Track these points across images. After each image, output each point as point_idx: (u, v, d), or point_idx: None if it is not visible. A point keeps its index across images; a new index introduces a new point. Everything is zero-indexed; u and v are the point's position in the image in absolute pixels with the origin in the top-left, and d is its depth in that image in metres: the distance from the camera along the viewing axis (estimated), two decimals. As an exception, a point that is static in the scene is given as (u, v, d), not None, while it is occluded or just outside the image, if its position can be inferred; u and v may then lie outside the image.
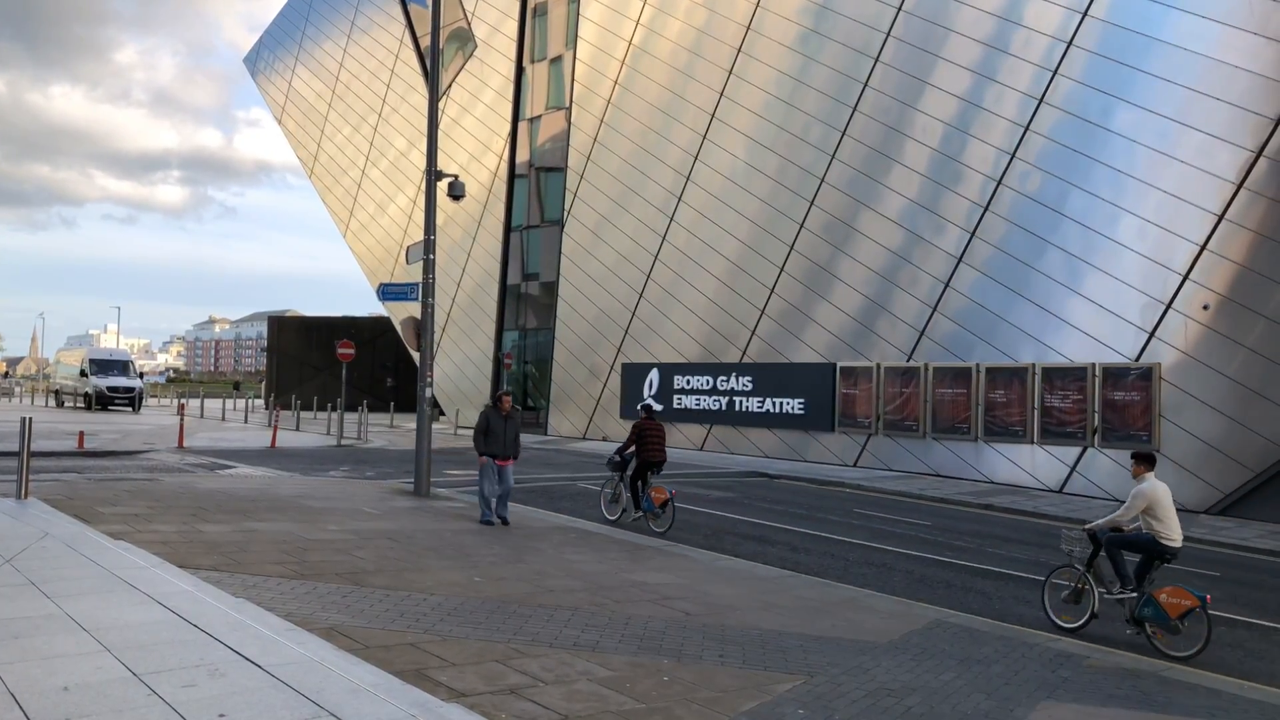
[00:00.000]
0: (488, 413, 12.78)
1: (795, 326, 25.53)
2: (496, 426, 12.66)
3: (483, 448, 12.61)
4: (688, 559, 11.12)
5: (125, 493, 13.40)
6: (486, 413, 12.78)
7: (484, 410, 12.87)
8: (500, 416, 12.75)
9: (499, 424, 12.69)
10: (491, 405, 12.94)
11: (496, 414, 12.75)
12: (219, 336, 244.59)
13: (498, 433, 12.65)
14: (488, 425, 12.64)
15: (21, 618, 5.70)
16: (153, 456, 21.03)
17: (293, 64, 49.28)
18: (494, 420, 12.68)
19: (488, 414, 12.75)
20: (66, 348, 58.47)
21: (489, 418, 12.69)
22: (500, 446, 12.67)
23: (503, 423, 12.72)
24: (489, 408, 12.89)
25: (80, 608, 5.93)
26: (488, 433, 12.64)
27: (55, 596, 6.18)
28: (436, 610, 7.75)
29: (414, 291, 16.25)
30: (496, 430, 12.65)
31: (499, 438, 12.66)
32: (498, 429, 12.66)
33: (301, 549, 9.93)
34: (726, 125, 27.61)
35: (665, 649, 7.11)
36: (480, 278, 37.15)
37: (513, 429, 12.80)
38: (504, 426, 12.70)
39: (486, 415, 12.73)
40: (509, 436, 12.73)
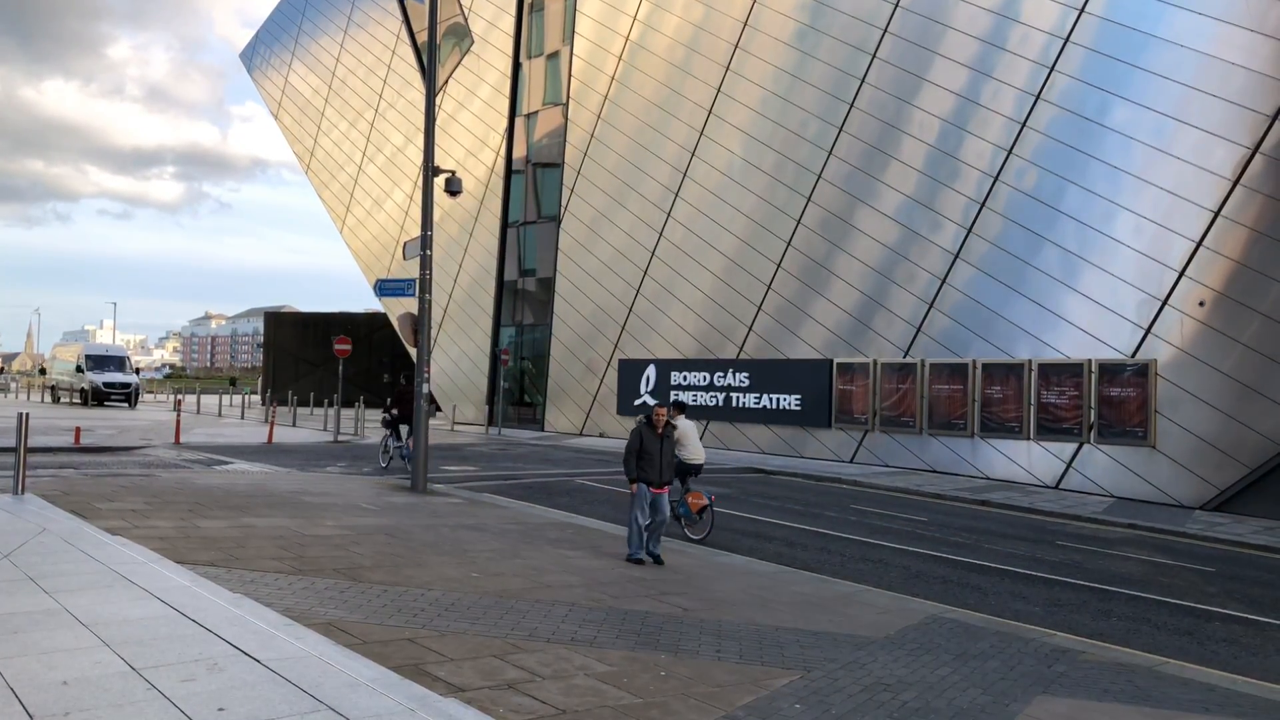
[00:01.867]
0: (640, 430, 10.71)
1: (792, 322, 25.55)
2: (651, 446, 10.64)
3: (634, 472, 10.65)
4: (685, 555, 11.15)
5: (122, 488, 13.40)
6: (639, 430, 10.71)
7: (636, 427, 10.81)
8: (655, 434, 10.68)
9: (654, 443, 10.65)
10: (645, 421, 10.79)
11: (651, 431, 10.68)
12: (215, 332, 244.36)
13: (653, 454, 10.65)
14: (640, 445, 10.62)
15: (20, 613, 5.71)
16: (149, 452, 21.03)
17: (289, 59, 49.21)
18: (648, 439, 10.64)
19: (640, 431, 10.69)
20: (62, 343, 58.40)
21: (642, 435, 10.65)
22: (656, 471, 10.67)
23: (658, 442, 10.69)
24: (642, 424, 10.76)
25: (79, 603, 5.94)
26: (641, 454, 10.65)
27: (54, 592, 6.19)
28: (434, 606, 7.77)
29: (411, 287, 16.24)
30: (651, 451, 10.65)
31: (654, 460, 10.66)
32: (652, 449, 10.65)
33: (299, 544, 9.94)
34: (724, 121, 27.61)
35: (662, 644, 7.13)
36: (477, 273, 37.13)
37: (669, 449, 10.85)
38: (659, 446, 10.69)
39: (639, 433, 10.69)
40: (665, 458, 10.79)
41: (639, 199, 29.91)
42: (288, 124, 49.64)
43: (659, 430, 10.71)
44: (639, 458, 10.63)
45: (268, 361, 54.00)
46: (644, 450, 10.62)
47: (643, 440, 10.62)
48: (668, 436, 10.82)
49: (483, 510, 13.57)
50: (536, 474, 19.50)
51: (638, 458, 10.63)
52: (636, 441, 10.66)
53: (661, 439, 10.73)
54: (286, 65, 49.44)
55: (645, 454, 10.62)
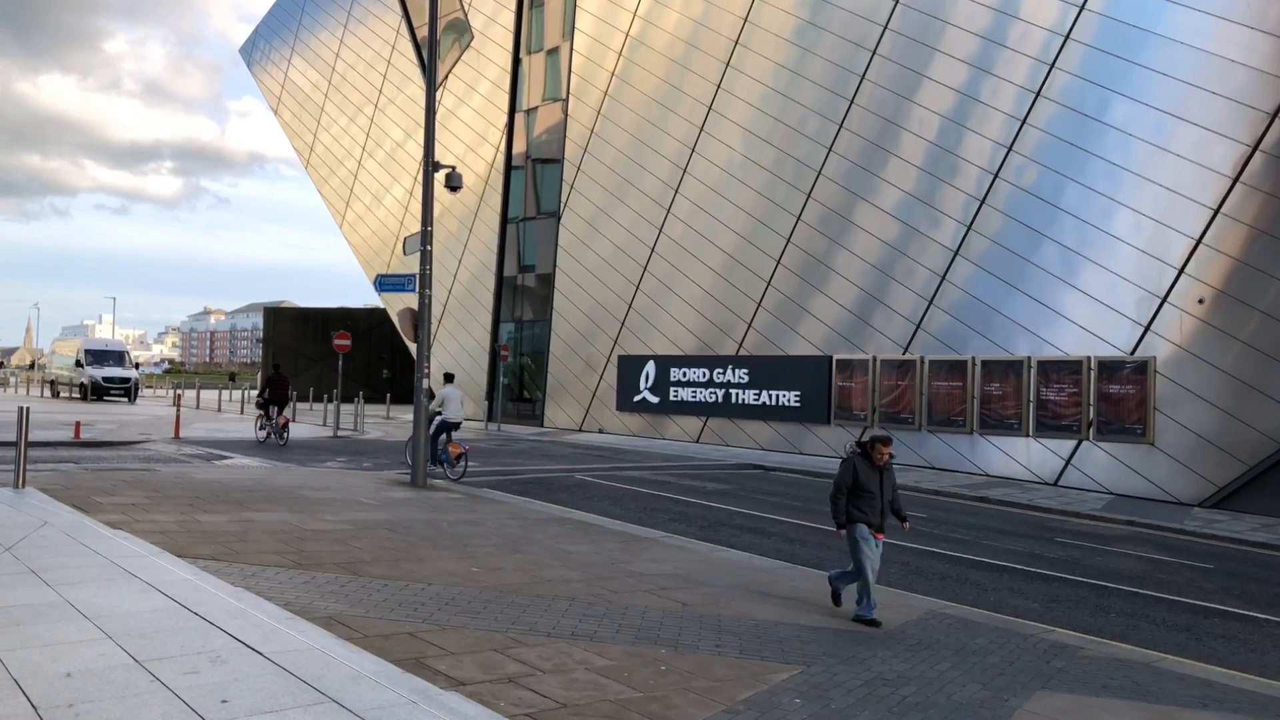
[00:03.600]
0: (854, 462, 8.57)
1: (791, 319, 25.57)
2: (869, 482, 8.52)
3: (843, 513, 8.53)
4: (684, 550, 11.16)
5: (123, 483, 13.41)
6: (852, 462, 8.58)
7: (847, 458, 8.67)
8: (872, 468, 8.56)
9: (872, 478, 8.54)
10: (859, 451, 8.65)
11: (867, 464, 8.56)
12: (214, 328, 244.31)
13: (872, 492, 8.50)
14: (855, 479, 8.50)
15: (23, 605, 5.73)
16: (149, 447, 21.04)
17: (289, 54, 49.16)
18: (864, 473, 8.52)
19: (854, 464, 8.55)
20: (62, 338, 58.39)
21: (856, 469, 8.52)
22: (876, 511, 8.53)
23: (876, 476, 8.57)
24: (855, 455, 8.65)
25: (81, 596, 5.95)
26: (856, 490, 8.50)
27: (56, 584, 6.21)
28: (434, 600, 7.79)
29: (411, 282, 16.25)
30: (870, 487, 8.50)
31: (874, 499, 8.51)
32: (871, 485, 8.51)
33: (299, 539, 9.96)
34: (723, 118, 27.60)
35: (662, 639, 7.15)
36: (476, 269, 37.13)
37: (890, 484, 8.67)
38: (879, 482, 8.57)
39: (853, 466, 8.54)
40: (886, 495, 8.61)
41: (639, 195, 29.92)
42: (287, 119, 49.60)
43: (880, 463, 8.57)
44: (853, 495, 8.54)
45: (267, 357, 53.94)
46: (860, 487, 8.50)
47: (857, 474, 8.49)
48: (888, 469, 8.69)
49: (482, 505, 13.59)
50: (536, 469, 19.52)
51: (851, 495, 8.54)
52: (849, 476, 8.52)
53: (881, 472, 8.60)
54: (286, 60, 49.39)
55: (863, 491, 8.50)
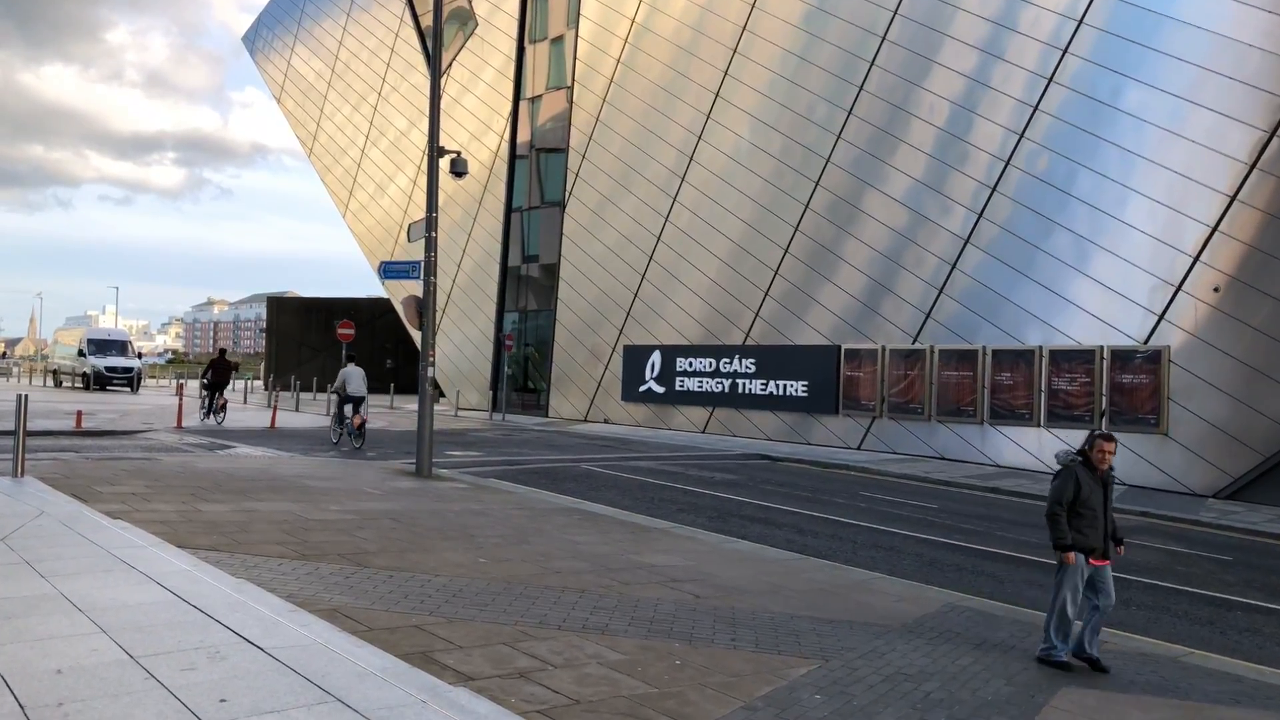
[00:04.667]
0: (1075, 472, 7.07)
1: (799, 308, 25.33)
2: (1093, 497, 7.05)
3: (1067, 535, 7.02)
4: (695, 541, 10.96)
5: (124, 472, 13.23)
6: (1073, 472, 7.08)
7: (1067, 467, 7.15)
8: (1096, 480, 7.11)
9: (1095, 493, 7.07)
10: (1079, 459, 7.19)
11: (1090, 476, 7.10)
12: (218, 318, 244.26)
13: (1094, 510, 7.05)
14: (1076, 493, 7.02)
15: (14, 597, 5.52)
16: (151, 436, 20.87)
17: (292, 42, 48.86)
18: (1087, 486, 7.05)
19: (1075, 474, 7.06)
20: (65, 328, 58.27)
21: (1078, 480, 7.04)
22: (1099, 534, 7.08)
23: (1100, 491, 7.11)
24: (1075, 463, 7.15)
25: (75, 587, 5.75)
26: (1077, 506, 7.04)
27: (50, 576, 6.01)
28: (441, 592, 7.59)
29: (415, 270, 16.04)
30: (1092, 504, 7.05)
31: (1096, 518, 7.06)
32: (1094, 502, 7.05)
33: (303, 529, 9.76)
34: (730, 104, 27.32)
35: (676, 632, 6.95)
36: (480, 258, 36.91)
37: (1111, 499, 7.24)
38: (1103, 497, 7.12)
39: (1073, 476, 7.05)
40: (1109, 514, 7.18)
41: (644, 183, 29.65)
42: (290, 108, 49.33)
43: (1100, 466, 7.13)
44: (1075, 511, 7.02)
45: (270, 347, 53.81)
46: (1081, 503, 7.01)
47: (1079, 487, 7.01)
48: (1110, 481, 7.25)
49: (488, 495, 13.40)
50: (541, 459, 19.33)
51: (1074, 511, 7.02)
52: (1070, 488, 7.02)
53: (1104, 484, 7.17)
54: (289, 49, 49.10)
55: (1084, 508, 7.01)
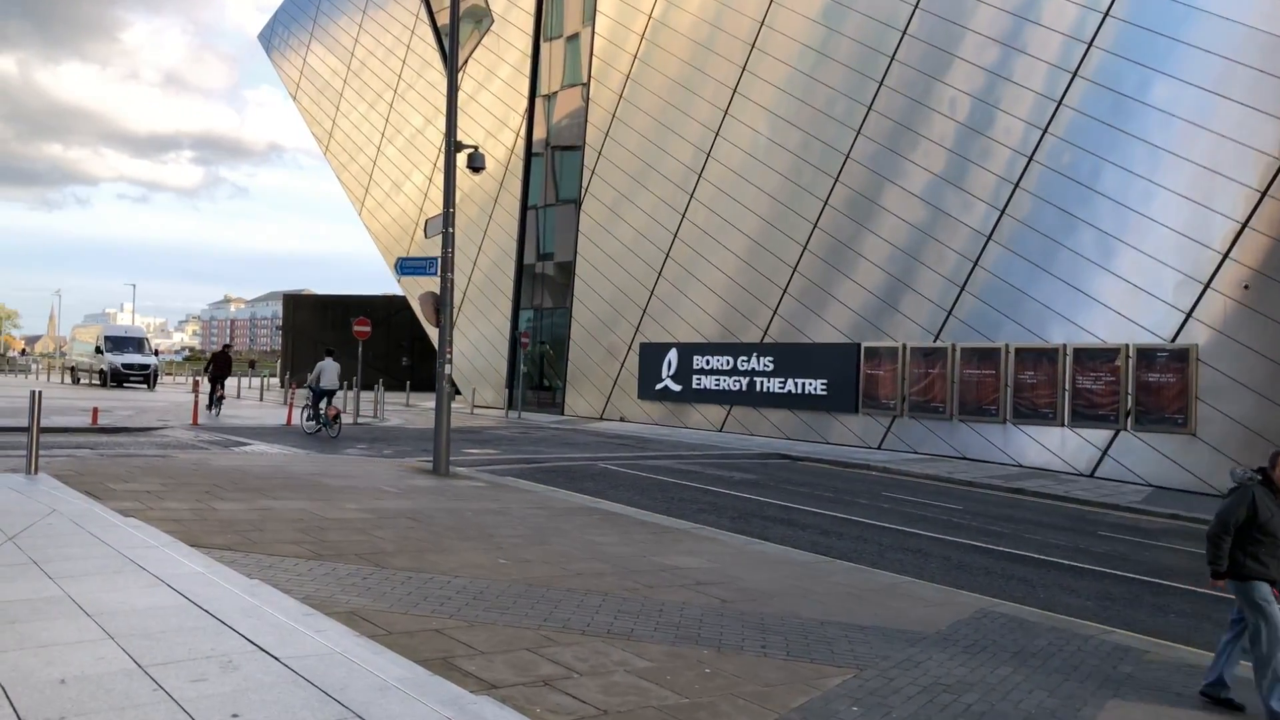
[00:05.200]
0: (1252, 492, 6.35)
1: (818, 305, 25.04)
2: (1272, 521, 6.31)
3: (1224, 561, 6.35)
4: (717, 542, 10.72)
5: (138, 469, 13.08)
6: (1249, 491, 6.36)
7: (1242, 486, 6.42)
8: (1274, 499, 6.38)
9: (1276, 517, 6.33)
10: (1258, 478, 6.42)
11: (1270, 497, 6.38)
12: (234, 316, 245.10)
13: (1275, 535, 6.29)
14: (1253, 516, 6.30)
15: (20, 600, 5.33)
16: (167, 433, 20.75)
17: (307, 40, 48.79)
18: (1265, 509, 6.32)
19: (1252, 494, 6.34)
20: (82, 325, 58.44)
21: (1255, 501, 6.32)
22: None
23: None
24: (1252, 482, 6.39)
25: (84, 590, 5.55)
26: (1253, 531, 6.30)
27: (58, 577, 5.81)
28: (461, 594, 7.38)
29: (432, 266, 15.85)
30: (1272, 528, 6.29)
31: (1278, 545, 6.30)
32: (1274, 526, 6.30)
33: (319, 528, 9.57)
34: (748, 100, 27.05)
35: (704, 638, 6.72)
36: (496, 256, 36.74)
37: None
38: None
39: (1249, 496, 6.33)
40: None
41: (661, 180, 29.40)
42: (306, 105, 49.27)
43: None
44: (1245, 538, 6.31)
45: (287, 344, 53.82)
46: (1260, 527, 6.27)
47: (1256, 508, 6.29)
48: None
49: (506, 494, 13.19)
50: (558, 458, 19.12)
51: (1241, 537, 6.32)
52: (1242, 510, 6.31)
53: None
54: (305, 46, 49.03)
55: (1262, 534, 6.27)
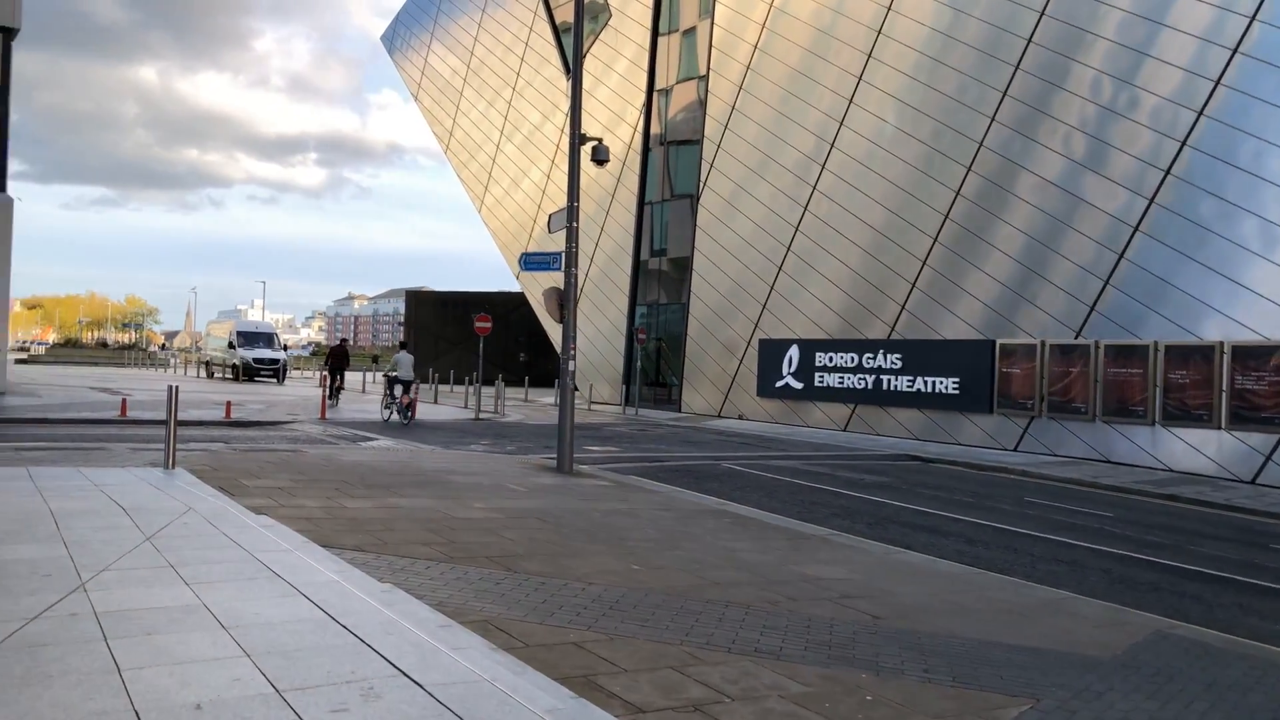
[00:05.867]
0: None
1: (948, 300, 24.05)
2: None
3: None
4: (857, 550, 10.15)
5: (269, 464, 13.21)
6: None
7: None
8: None
9: None
10: None
11: None
12: (357, 312, 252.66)
13: None
14: None
15: (157, 608, 5.19)
16: (296, 428, 21.15)
17: (428, 40, 49.60)
18: None
19: None
20: (216, 320, 60.81)
21: None
22: None
23: None
24: None
25: (219, 598, 5.39)
26: None
27: (194, 583, 5.67)
28: (597, 602, 7.03)
29: (555, 261, 15.64)
30: None
31: None
32: None
33: (449, 528, 9.38)
34: (873, 87, 26.17)
35: (859, 659, 6.21)
36: (612, 251, 36.61)
37: None
38: None
39: None
40: None
41: (781, 171, 28.74)
42: (427, 105, 50.10)
43: None
44: None
45: (409, 339, 54.86)
46: None
47: None
48: None
49: (632, 494, 12.86)
50: (680, 456, 18.74)
51: None
52: None
53: None
54: (426, 46, 49.86)
55: None
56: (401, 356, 23.67)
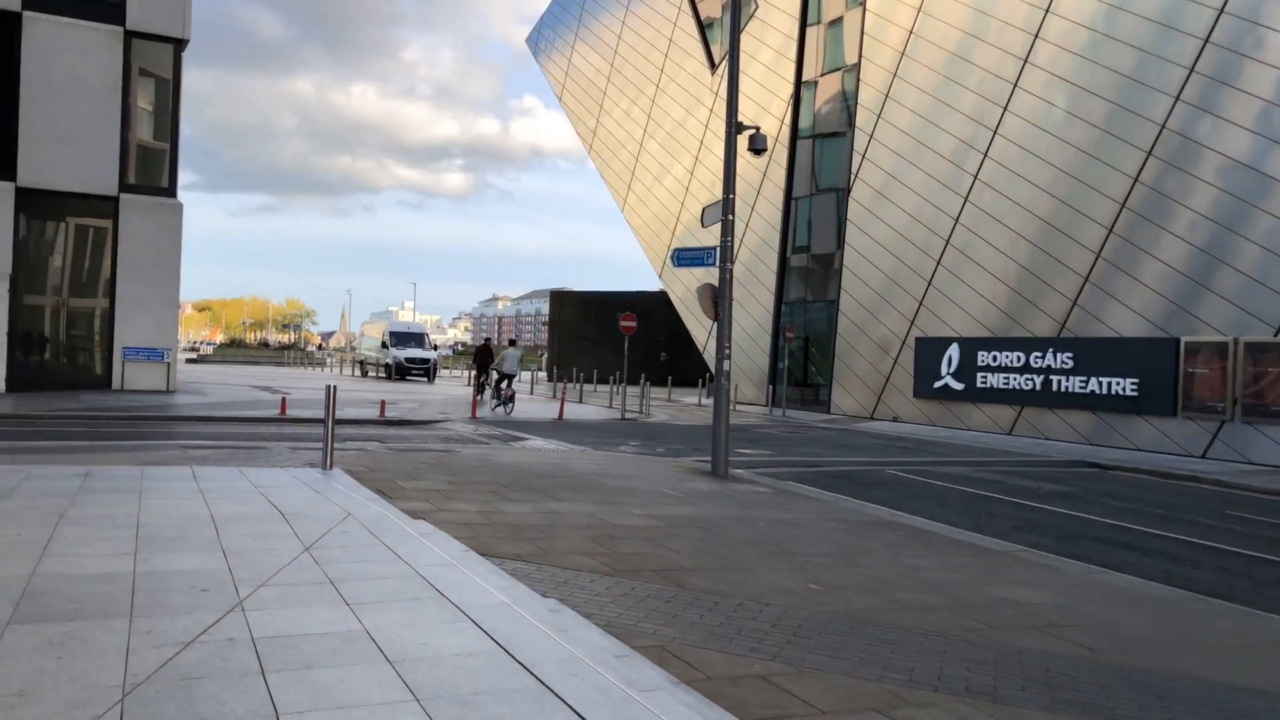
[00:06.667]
0: None
1: (1123, 293, 22.37)
2: None
3: None
4: (1052, 569, 9.20)
5: (425, 465, 13.07)
6: None
7: None
8: None
9: None
10: None
11: None
12: (501, 313, 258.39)
13: None
14: None
15: (317, 635, 4.82)
16: (448, 426, 21.22)
17: (572, 40, 49.81)
18: None
19: None
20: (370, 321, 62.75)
21: None
22: None
23: None
24: None
25: (382, 623, 4.97)
26: None
27: (355, 604, 5.29)
28: (778, 627, 6.40)
29: (710, 256, 15.05)
30: None
31: None
32: None
33: (609, 537, 8.91)
34: (1038, 69, 24.62)
35: (1089, 704, 5.39)
36: (757, 247, 35.80)
37: None
38: None
39: None
40: None
41: (939, 161, 27.40)
42: (571, 105, 50.31)
43: None
44: None
45: (553, 339, 55.38)
46: None
47: None
48: None
49: (794, 502, 12.15)
50: (837, 461, 17.89)
51: None
52: None
53: None
54: (570, 47, 50.08)
55: None
56: (509, 353, 26.35)
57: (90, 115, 24.18)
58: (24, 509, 7.67)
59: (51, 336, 24.86)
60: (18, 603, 5.01)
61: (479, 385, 28.30)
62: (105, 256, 24.90)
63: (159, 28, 24.99)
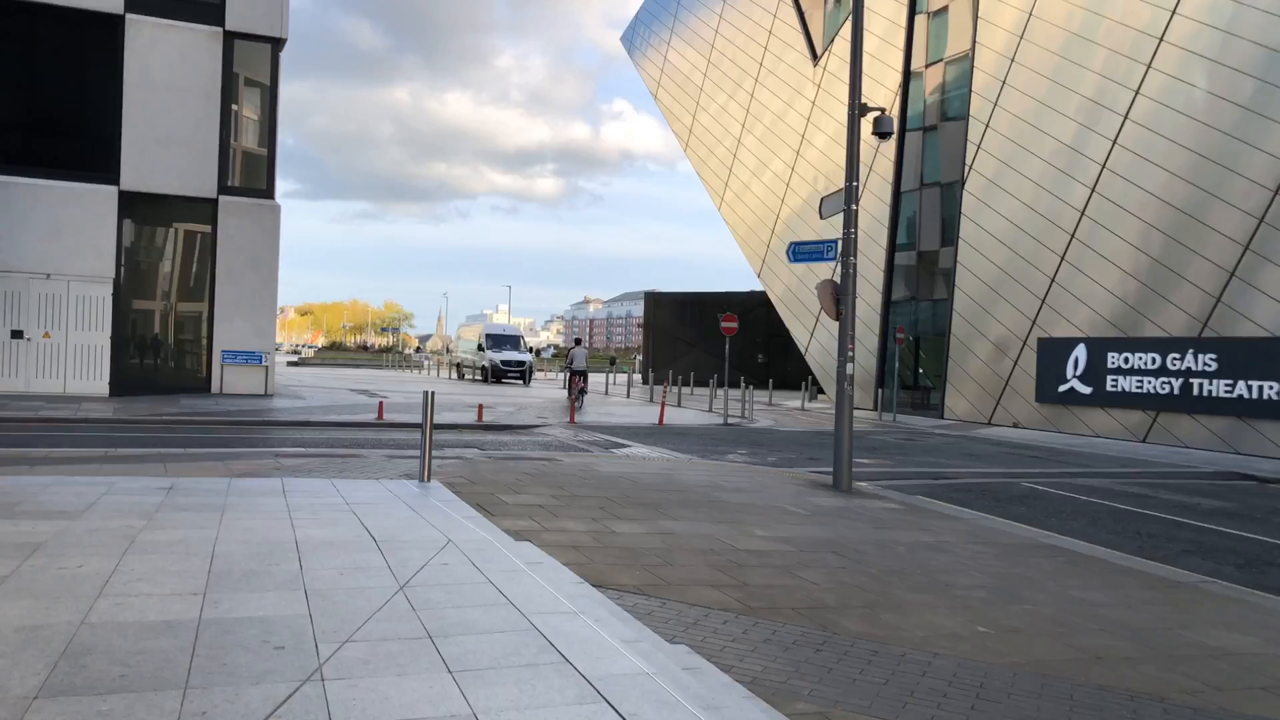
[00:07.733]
0: None
1: (1277, 289, 20.47)
2: None
3: None
4: (1249, 605, 7.90)
5: (526, 475, 12.28)
6: None
7: None
8: None
9: None
10: None
11: None
12: (593, 315, 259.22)
13: None
14: None
15: (411, 707, 3.95)
16: (546, 432, 20.50)
17: (668, 36, 48.93)
18: None
19: None
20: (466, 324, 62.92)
21: None
22: None
23: None
24: None
25: (493, 703, 3.89)
26: None
27: (458, 670, 4.35)
28: (955, 686, 5.34)
29: (830, 250, 13.95)
30: None
31: None
32: None
33: (735, 564, 7.93)
34: (1174, 46, 22.79)
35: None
36: (862, 243, 34.32)
37: None
38: None
39: None
40: None
41: (1061, 149, 25.69)
42: (666, 103, 49.43)
43: None
44: None
45: (648, 341, 54.55)
46: None
47: None
48: None
49: (931, 521, 10.99)
50: (965, 472, 16.57)
51: None
52: None
53: None
54: (665, 43, 49.21)
55: None
56: (577, 351, 28.15)
57: (190, 116, 24.17)
58: (93, 532, 7.03)
59: (152, 340, 24.95)
60: (55, 664, 4.21)
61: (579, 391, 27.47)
62: (204, 259, 24.89)
63: (257, 27, 24.87)
